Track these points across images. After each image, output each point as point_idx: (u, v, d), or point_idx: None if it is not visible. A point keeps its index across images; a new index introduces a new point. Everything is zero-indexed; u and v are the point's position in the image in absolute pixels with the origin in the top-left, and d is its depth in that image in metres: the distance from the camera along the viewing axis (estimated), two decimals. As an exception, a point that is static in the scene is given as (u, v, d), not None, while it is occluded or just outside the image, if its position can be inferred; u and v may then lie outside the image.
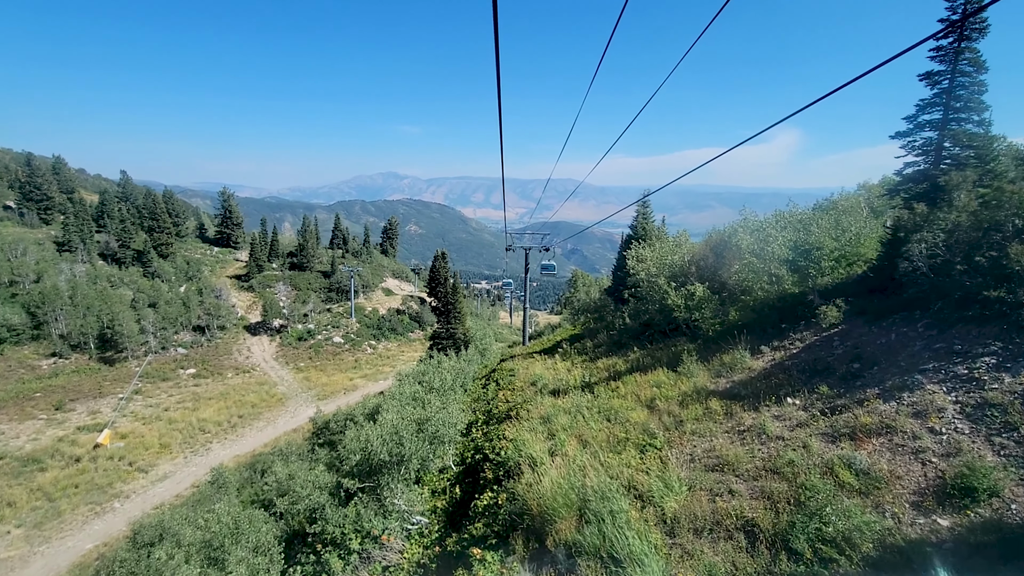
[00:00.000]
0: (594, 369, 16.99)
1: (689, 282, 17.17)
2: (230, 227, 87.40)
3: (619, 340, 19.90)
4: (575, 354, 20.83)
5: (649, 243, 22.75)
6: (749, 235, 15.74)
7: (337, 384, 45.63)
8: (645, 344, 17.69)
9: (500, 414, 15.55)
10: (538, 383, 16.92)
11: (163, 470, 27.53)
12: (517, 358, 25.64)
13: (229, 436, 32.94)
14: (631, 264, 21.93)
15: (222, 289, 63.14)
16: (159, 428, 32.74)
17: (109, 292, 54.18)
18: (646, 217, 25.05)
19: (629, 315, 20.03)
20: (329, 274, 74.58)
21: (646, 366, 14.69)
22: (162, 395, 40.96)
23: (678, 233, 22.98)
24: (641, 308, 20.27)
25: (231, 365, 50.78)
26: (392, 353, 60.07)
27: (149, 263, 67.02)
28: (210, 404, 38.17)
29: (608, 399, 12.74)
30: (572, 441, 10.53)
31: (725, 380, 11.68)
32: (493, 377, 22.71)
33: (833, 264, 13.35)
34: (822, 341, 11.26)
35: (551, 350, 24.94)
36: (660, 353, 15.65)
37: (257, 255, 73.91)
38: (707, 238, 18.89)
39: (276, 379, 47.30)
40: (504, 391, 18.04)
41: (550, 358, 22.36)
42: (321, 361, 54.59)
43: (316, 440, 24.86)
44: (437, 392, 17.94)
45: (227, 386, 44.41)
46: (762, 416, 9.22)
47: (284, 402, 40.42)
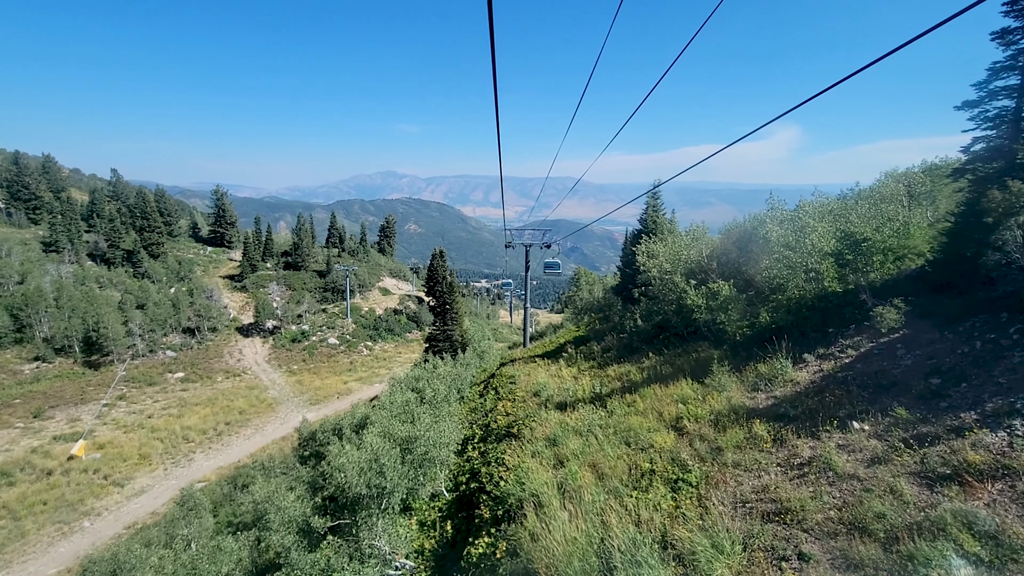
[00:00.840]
0: (604, 378, 15.19)
1: (710, 279, 15.36)
2: (224, 226, 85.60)
3: (630, 344, 18.11)
4: (581, 359, 19.04)
5: (660, 237, 20.95)
6: (778, 226, 13.94)
7: (331, 388, 43.88)
8: (661, 349, 15.89)
9: (499, 430, 13.76)
10: (542, 393, 15.13)
11: (140, 484, 25.79)
12: (518, 362, 23.86)
13: (214, 445, 31.19)
14: (641, 260, 20.14)
15: (213, 290, 61.35)
16: (140, 437, 30.99)
17: (95, 293, 52.37)
18: (656, 210, 23.15)
19: (641, 316, 18.24)
20: (325, 273, 72.80)
21: (665, 376, 12.89)
22: (147, 401, 39.20)
23: (692, 226, 21.18)
24: (654, 308, 18.48)
25: (221, 368, 49.02)
26: (389, 355, 58.30)
27: (139, 263, 65.21)
28: (196, 410, 36.42)
29: (625, 416, 10.95)
30: (585, 472, 8.74)
31: (764, 395, 9.89)
32: (492, 384, 20.92)
33: (881, 258, 11.55)
34: (882, 349, 9.46)
35: (555, 354, 23.15)
36: (680, 360, 13.85)
37: (251, 254, 72.10)
38: (727, 231, 17.09)
39: (267, 383, 45.54)
40: (504, 402, 16.25)
41: (554, 363, 20.57)
42: (315, 363, 52.82)
43: (302, 451, 23.11)
44: (429, 404, 16.18)
45: (216, 391, 42.64)
46: (824, 445, 7.42)
47: (274, 408, 38.68)
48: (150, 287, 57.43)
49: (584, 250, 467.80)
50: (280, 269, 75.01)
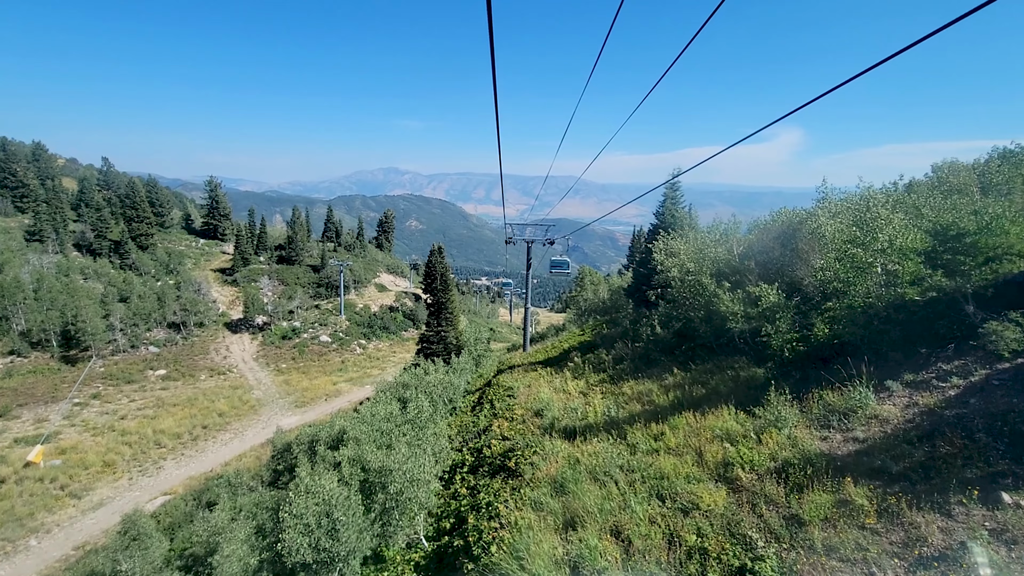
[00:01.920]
0: (619, 396, 12.82)
1: (746, 281, 12.97)
2: (217, 218, 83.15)
3: (647, 354, 15.73)
4: (590, 370, 16.66)
5: (680, 234, 18.55)
6: (832, 219, 11.55)
7: (319, 389, 41.57)
8: (686, 363, 13.51)
9: (494, 459, 11.40)
10: (544, 413, 12.76)
11: (100, 495, 23.50)
12: (517, 370, 21.49)
13: (188, 451, 28.88)
14: (658, 259, 17.77)
15: (202, 283, 58.97)
16: (108, 441, 28.70)
17: (76, 285, 50.04)
18: (675, 202, 20.61)
19: (659, 322, 15.85)
20: (319, 268, 70.41)
21: (698, 400, 10.51)
22: (123, 400, 36.87)
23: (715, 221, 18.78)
24: (674, 314, 16.10)
25: (206, 366, 46.66)
26: (383, 354, 55.95)
27: (127, 255, 62.91)
28: (173, 412, 34.12)
29: (652, 455, 8.59)
30: (607, 543, 6.36)
31: (841, 436, 7.51)
32: (488, 395, 18.55)
33: (979, 260, 9.16)
34: (1006, 380, 7.07)
35: (558, 361, 20.78)
36: (714, 379, 11.46)
37: (243, 247, 69.69)
38: (765, 226, 14.68)
39: (253, 382, 43.19)
40: (500, 420, 13.89)
41: (558, 373, 18.20)
42: (305, 362, 50.46)
43: (275, 464, 20.76)
44: (412, 423, 13.82)
45: (198, 390, 40.31)
46: (963, 528, 5.05)
47: (257, 410, 36.38)
48: (134, 279, 55.12)
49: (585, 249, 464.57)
50: (273, 263, 72.65)
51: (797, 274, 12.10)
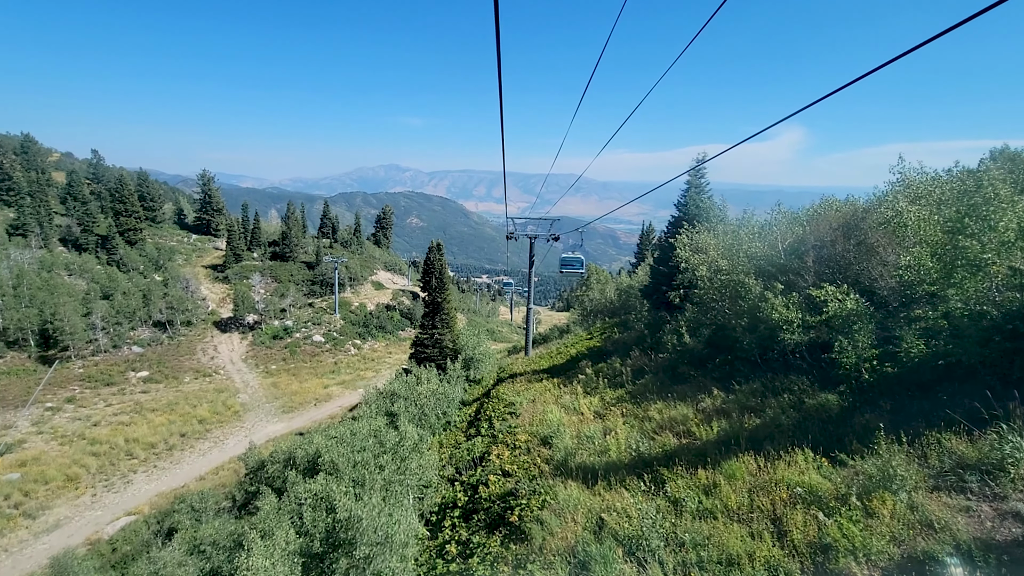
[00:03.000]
0: (645, 421, 10.52)
1: (800, 281, 10.65)
2: (210, 213, 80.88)
3: (673, 366, 13.42)
4: (604, 384, 14.34)
5: (708, 226, 16.20)
6: (913, 204, 9.21)
7: (308, 393, 39.33)
8: (727, 381, 11.19)
9: (492, 503, 9.10)
10: (554, 442, 10.48)
11: (57, 515, 21.27)
12: (519, 379, 19.19)
13: (161, 463, 26.65)
14: (682, 255, 15.42)
15: (190, 280, 56.74)
16: (74, 451, 26.50)
17: (56, 281, 47.82)
18: (700, 190, 17.75)
19: (687, 329, 13.50)
20: (314, 265, 68.08)
21: (755, 434, 8.21)
22: (99, 404, 34.66)
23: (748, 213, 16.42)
24: (704, 319, 13.78)
25: (191, 367, 44.41)
26: (378, 354, 53.70)
27: (113, 250, 60.62)
28: (151, 418, 31.90)
29: (706, 521, 6.28)
30: None
31: (991, 507, 5.21)
32: (486, 410, 16.25)
33: None
34: None
35: (566, 371, 18.47)
36: (768, 405, 9.13)
37: (235, 243, 67.39)
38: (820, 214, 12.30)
39: (240, 385, 40.95)
40: (500, 447, 11.60)
41: (566, 385, 15.90)
42: (296, 363, 48.18)
43: (248, 485, 18.50)
44: (394, 454, 11.50)
45: (180, 393, 38.08)
46: None
47: (241, 416, 34.17)
48: (119, 275, 52.87)
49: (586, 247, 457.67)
50: (266, 259, 70.36)
51: (871, 273, 9.76)
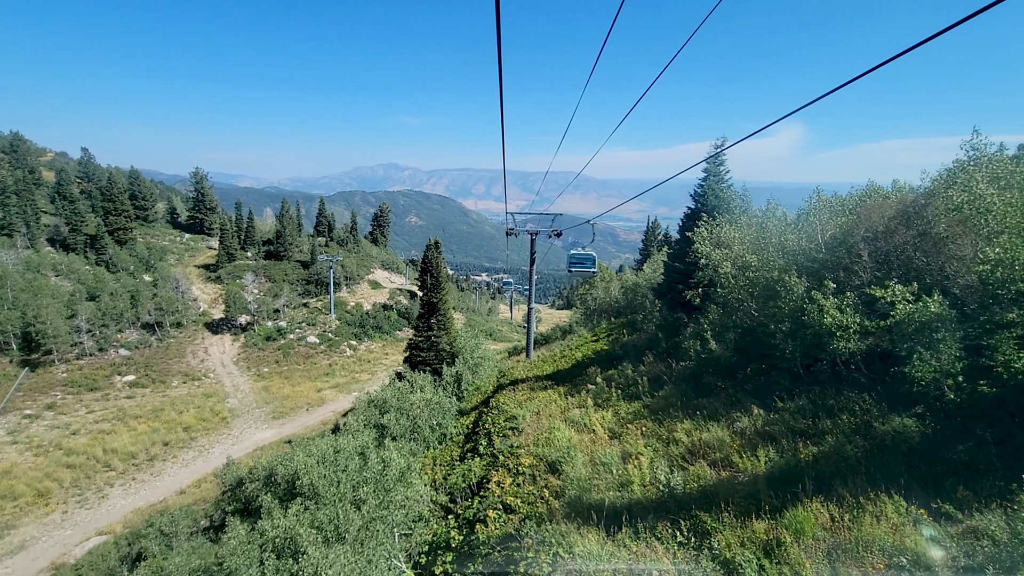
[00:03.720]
0: (670, 444, 8.94)
1: (855, 280, 9.07)
2: (203, 211, 79.25)
3: (696, 376, 11.83)
4: (618, 396, 12.74)
5: (729, 218, 14.59)
6: (992, 184, 7.63)
7: (301, 397, 37.76)
8: (762, 395, 9.61)
9: (491, 549, 7.49)
10: (564, 468, 8.91)
11: (23, 535, 19.68)
12: (521, 386, 17.59)
13: (141, 475, 25.06)
14: (702, 250, 13.84)
15: (180, 280, 55.12)
16: (49, 463, 24.92)
17: (41, 283, 46.19)
18: (719, 178, 15.70)
19: (712, 333, 11.89)
20: (309, 264, 66.46)
21: (822, 467, 6.63)
22: (80, 411, 33.08)
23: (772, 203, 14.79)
24: (729, 323, 12.19)
25: (180, 370, 42.81)
26: (375, 355, 52.10)
27: (103, 250, 58.98)
28: (134, 425, 30.33)
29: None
30: None
31: None
32: (485, 422, 14.66)
33: None
34: None
35: (572, 377, 16.88)
36: (826, 429, 7.53)
37: (227, 242, 65.75)
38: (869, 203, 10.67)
39: (230, 389, 39.37)
40: (501, 472, 10.03)
41: (573, 395, 14.32)
42: (289, 366, 46.58)
43: (226, 504, 16.93)
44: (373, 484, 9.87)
45: (167, 398, 36.51)
46: None
47: (229, 423, 32.59)
48: (106, 276, 51.24)
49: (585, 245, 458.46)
50: (260, 259, 68.73)
51: (942, 269, 8.16)
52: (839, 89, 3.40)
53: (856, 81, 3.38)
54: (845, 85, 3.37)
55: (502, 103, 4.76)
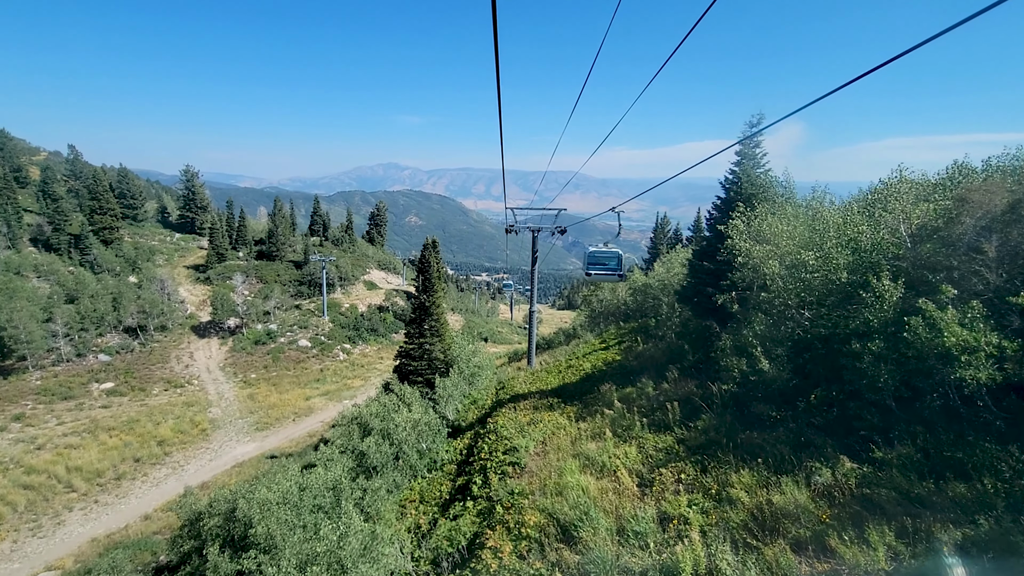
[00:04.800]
0: (727, 507, 6.64)
1: (974, 284, 6.78)
2: (194, 210, 76.98)
3: (742, 401, 9.54)
4: (643, 425, 10.42)
5: (772, 208, 12.27)
6: None
7: (288, 406, 35.50)
8: (845, 436, 7.31)
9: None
10: (580, 535, 6.62)
11: (-38, 571, 17.56)
12: (523, 404, 15.31)
13: (106, 496, 22.80)
14: (741, 247, 11.55)
15: (166, 281, 52.80)
16: (5, 483, 22.63)
17: (16, 284, 43.87)
18: (755, 162, 13.30)
19: (761, 349, 9.56)
20: (302, 264, 64.18)
21: None
22: (50, 422, 30.81)
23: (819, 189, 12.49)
24: (779, 334, 9.88)
25: (163, 377, 40.54)
26: (368, 360, 49.83)
27: (87, 250, 56.73)
28: (104, 439, 28.10)
29: None
30: None
31: None
32: (480, 452, 12.38)
33: None
34: None
35: (582, 394, 14.58)
36: (971, 501, 5.23)
37: (217, 242, 63.53)
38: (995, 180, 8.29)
39: (213, 397, 37.11)
40: (498, 532, 7.75)
41: (585, 418, 12.04)
42: (278, 371, 44.28)
43: (183, 542, 14.65)
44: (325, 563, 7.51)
45: (145, 407, 34.27)
46: None
47: (209, 435, 30.34)
48: (87, 277, 48.92)
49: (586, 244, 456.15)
50: (252, 259, 66.45)
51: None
52: (842, 88, 3.37)
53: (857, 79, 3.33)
54: (848, 84, 3.34)
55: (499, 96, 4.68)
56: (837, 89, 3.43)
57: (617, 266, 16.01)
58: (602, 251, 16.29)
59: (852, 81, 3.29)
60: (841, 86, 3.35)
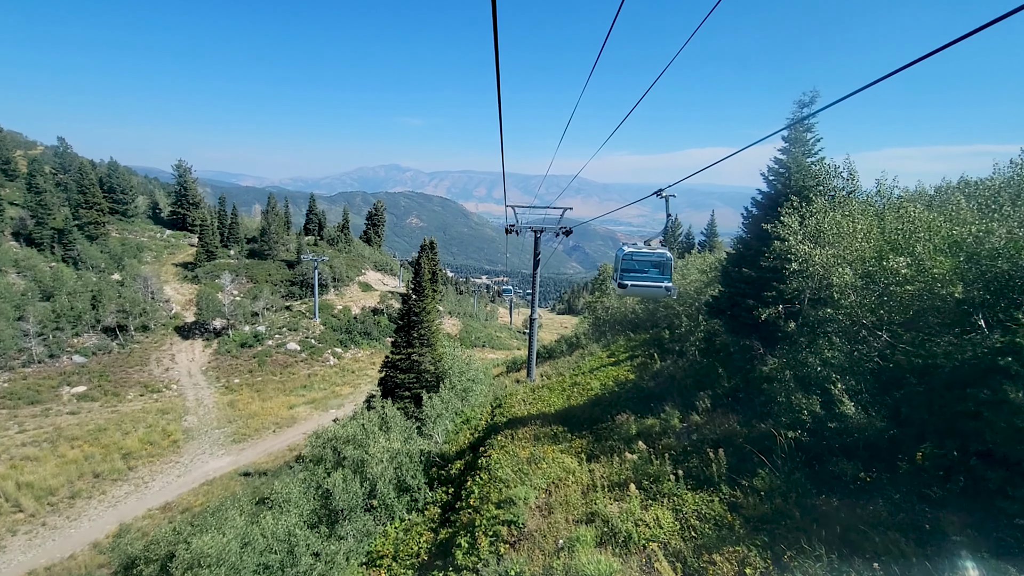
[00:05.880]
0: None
1: None
2: (186, 207, 74.80)
3: (815, 453, 7.23)
4: (676, 480, 8.09)
5: (835, 203, 10.00)
6: None
7: (269, 415, 33.16)
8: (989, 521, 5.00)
9: None
10: None
11: None
12: (521, 431, 12.99)
13: (55, 518, 20.42)
14: (798, 249, 9.28)
15: (150, 279, 50.51)
16: (-56, 502, 20.40)
17: (-10, 280, 41.65)
18: (807, 149, 10.92)
19: (845, 387, 7.25)
20: (294, 264, 61.93)
21: None
22: (12, 429, 28.45)
23: (884, 181, 10.26)
24: (855, 364, 7.57)
25: (140, 381, 38.18)
26: (360, 365, 47.47)
27: (71, 245, 54.51)
28: (65, 450, 25.75)
29: None
30: None
31: None
32: (470, 498, 10.07)
33: None
34: None
35: (592, 422, 12.27)
36: None
37: (207, 239, 61.28)
38: None
39: (191, 403, 34.78)
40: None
41: (597, 457, 9.75)
42: (264, 376, 41.91)
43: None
44: None
45: (116, 414, 31.94)
46: None
47: (181, 447, 27.97)
48: (66, 273, 46.70)
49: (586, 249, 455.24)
50: (243, 257, 64.20)
51: None
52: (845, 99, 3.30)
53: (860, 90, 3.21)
54: (851, 96, 3.26)
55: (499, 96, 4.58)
56: (842, 100, 3.37)
57: (664, 274, 11.03)
58: (642, 252, 11.10)
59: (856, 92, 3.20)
60: (844, 97, 3.32)
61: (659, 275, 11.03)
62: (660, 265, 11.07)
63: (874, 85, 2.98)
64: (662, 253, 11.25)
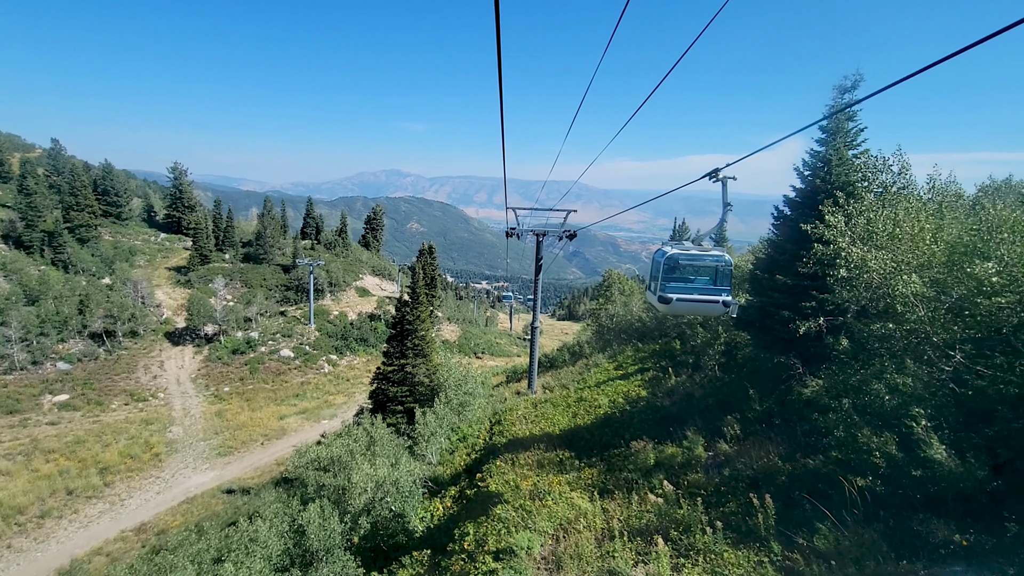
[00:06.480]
0: None
1: None
2: (180, 210, 73.49)
3: (892, 505, 5.86)
4: (714, 535, 6.71)
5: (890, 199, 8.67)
6: None
7: (258, 426, 31.71)
8: None
9: None
10: None
11: None
12: (523, 455, 11.61)
13: (21, 539, 18.90)
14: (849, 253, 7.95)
15: (141, 283, 49.17)
16: (-99, 523, 18.95)
17: (-28, 284, 40.33)
18: (849, 140, 9.69)
19: (921, 419, 5.91)
20: (290, 268, 60.59)
21: None
22: (-14, 441, 27.09)
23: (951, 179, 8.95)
24: (937, 398, 6.21)
25: (126, 389, 36.78)
26: (356, 373, 46.05)
27: (61, 248, 53.20)
28: (39, 464, 24.30)
29: None
30: None
31: None
32: (463, 541, 8.67)
33: None
34: None
35: (603, 448, 10.89)
36: None
37: (201, 243, 60.01)
38: None
39: (178, 413, 33.38)
40: None
41: (611, 492, 8.38)
42: (255, 384, 40.48)
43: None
44: None
45: (98, 425, 30.53)
46: None
47: (163, 460, 26.51)
48: (52, 277, 45.37)
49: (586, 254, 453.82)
50: (238, 261, 62.88)
51: None
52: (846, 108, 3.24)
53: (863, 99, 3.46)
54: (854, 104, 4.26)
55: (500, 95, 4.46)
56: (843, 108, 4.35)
57: (721, 284, 7.75)
58: (691, 254, 7.73)
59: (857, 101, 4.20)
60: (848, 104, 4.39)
61: (713, 286, 7.80)
62: (716, 272, 7.84)
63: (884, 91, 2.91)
64: (719, 256, 7.77)
